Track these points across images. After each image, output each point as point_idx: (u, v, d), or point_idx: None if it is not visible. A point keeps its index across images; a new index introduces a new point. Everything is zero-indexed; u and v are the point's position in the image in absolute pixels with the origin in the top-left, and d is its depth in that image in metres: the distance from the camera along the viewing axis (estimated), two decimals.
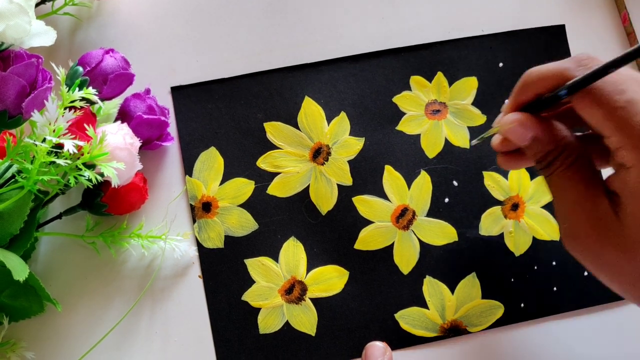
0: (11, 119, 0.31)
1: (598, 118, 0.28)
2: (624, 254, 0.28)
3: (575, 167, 0.30)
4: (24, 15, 0.30)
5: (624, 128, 0.27)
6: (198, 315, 0.38)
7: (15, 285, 0.35)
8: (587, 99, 0.28)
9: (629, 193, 0.28)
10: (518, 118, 0.30)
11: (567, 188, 0.30)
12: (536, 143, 0.30)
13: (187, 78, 0.41)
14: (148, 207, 0.39)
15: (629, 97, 0.27)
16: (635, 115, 0.27)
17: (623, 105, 0.27)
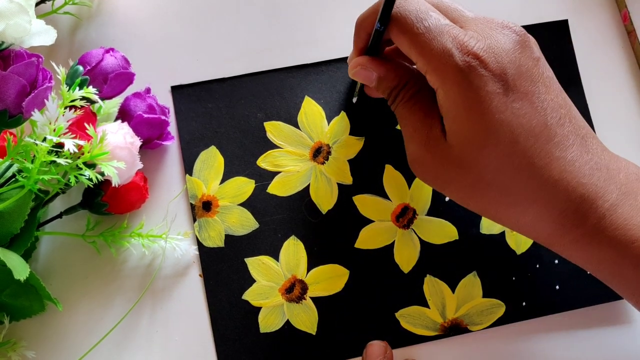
0: (11, 118, 0.31)
1: (405, 45, 0.31)
2: (457, 169, 0.31)
3: (416, 98, 0.33)
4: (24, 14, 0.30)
5: (425, 52, 0.30)
6: (198, 314, 0.38)
7: (15, 284, 0.35)
8: (396, 28, 0.31)
9: (444, 114, 0.30)
10: (360, 61, 0.34)
11: (408, 117, 0.33)
12: (382, 81, 0.33)
13: (187, 77, 0.41)
14: (148, 206, 0.39)
15: (428, 24, 0.30)
16: (432, 40, 0.29)
17: (422, 32, 0.30)
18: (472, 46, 0.29)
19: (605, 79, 0.43)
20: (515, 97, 0.29)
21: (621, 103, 0.43)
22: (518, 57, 0.30)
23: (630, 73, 0.43)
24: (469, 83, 0.29)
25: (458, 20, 0.32)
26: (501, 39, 0.30)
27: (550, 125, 0.29)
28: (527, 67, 0.30)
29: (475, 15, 0.32)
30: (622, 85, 0.43)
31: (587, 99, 0.42)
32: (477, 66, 0.29)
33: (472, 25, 0.31)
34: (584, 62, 0.43)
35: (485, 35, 0.30)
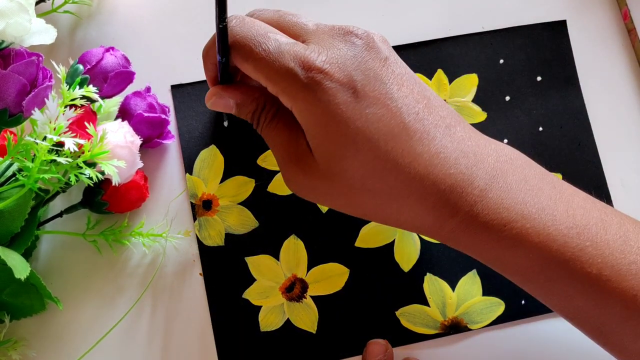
0: (12, 117, 0.31)
1: (251, 72, 0.31)
2: (327, 182, 0.31)
3: (277, 118, 0.33)
4: (24, 13, 0.30)
5: (270, 77, 0.30)
6: (199, 313, 0.38)
7: (16, 283, 0.35)
8: (238, 57, 0.31)
9: (305, 131, 0.30)
10: (214, 92, 0.34)
11: (274, 138, 0.33)
12: (240, 107, 0.33)
13: (187, 76, 0.41)
14: (149, 205, 0.39)
15: (267, 47, 0.30)
16: (274, 62, 0.29)
17: (263, 56, 0.30)
18: (314, 60, 0.29)
19: (605, 78, 0.43)
20: (367, 102, 0.29)
21: (621, 102, 0.43)
22: (364, 61, 0.30)
23: (630, 71, 0.43)
24: (318, 99, 0.29)
25: (300, 35, 0.31)
26: (343, 46, 0.30)
27: (409, 123, 0.29)
28: (374, 70, 0.30)
29: (316, 25, 0.32)
30: (622, 84, 0.43)
31: (585, 98, 0.42)
32: (322, 80, 0.29)
33: (314, 37, 0.31)
34: (583, 61, 0.43)
35: (327, 45, 0.30)
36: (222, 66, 0.32)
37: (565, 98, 0.42)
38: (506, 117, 0.42)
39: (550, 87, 0.42)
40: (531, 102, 0.42)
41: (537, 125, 0.42)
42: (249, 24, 0.30)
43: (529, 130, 0.42)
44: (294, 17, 0.32)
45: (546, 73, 0.42)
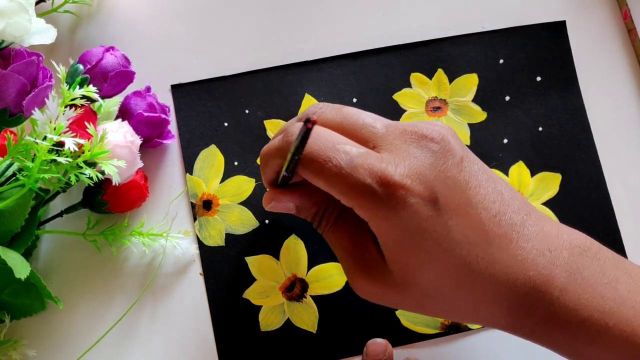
0: (12, 117, 0.31)
1: (323, 187, 0.29)
2: (397, 292, 0.30)
3: (341, 221, 0.32)
4: (24, 13, 0.30)
5: (344, 192, 0.28)
6: (199, 313, 0.38)
7: (16, 283, 0.35)
8: (307, 173, 0.29)
9: (380, 243, 0.29)
10: (272, 196, 0.32)
11: (338, 241, 0.32)
12: (300, 210, 0.32)
13: (187, 76, 0.41)
14: (149, 205, 0.39)
15: (337, 162, 0.28)
16: (347, 178, 0.28)
17: (335, 172, 0.28)
18: (392, 175, 0.27)
19: (604, 78, 0.43)
20: (449, 214, 0.28)
21: (621, 102, 0.43)
22: (443, 170, 0.28)
23: (630, 71, 0.43)
24: (399, 217, 0.28)
25: (370, 139, 0.30)
26: (420, 154, 0.28)
27: (488, 229, 0.28)
28: (453, 177, 0.29)
29: (385, 126, 0.30)
30: (622, 84, 0.43)
31: (585, 98, 0.42)
32: (403, 196, 0.27)
33: (385, 143, 0.29)
34: (583, 61, 0.43)
35: (403, 154, 0.28)
36: (284, 180, 0.31)
37: (565, 98, 0.42)
38: (506, 116, 0.42)
39: (550, 87, 0.42)
40: (531, 102, 0.42)
41: (537, 125, 0.42)
42: (314, 137, 0.29)
43: (528, 130, 0.42)
44: (359, 118, 0.30)
45: (546, 73, 0.42)
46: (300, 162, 0.29)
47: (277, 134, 0.34)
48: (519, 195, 0.31)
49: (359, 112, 0.31)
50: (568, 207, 0.41)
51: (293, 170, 0.29)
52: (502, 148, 0.41)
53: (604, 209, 0.41)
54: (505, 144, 0.41)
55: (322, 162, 0.28)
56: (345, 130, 0.30)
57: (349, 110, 0.31)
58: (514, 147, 0.41)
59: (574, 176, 0.41)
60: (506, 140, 0.41)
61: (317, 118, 0.31)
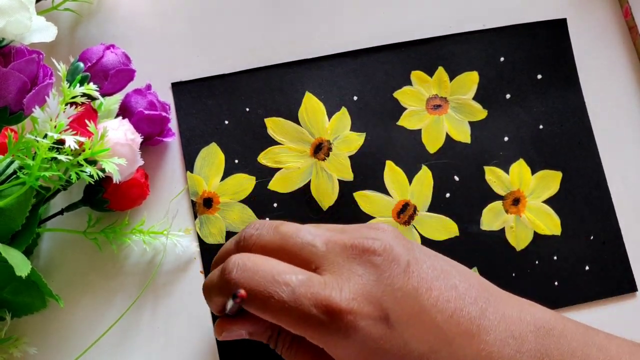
0: (12, 115, 0.31)
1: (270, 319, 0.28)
2: None
3: (297, 341, 0.30)
4: (24, 11, 0.30)
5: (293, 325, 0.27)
6: (200, 310, 0.38)
7: (17, 281, 0.35)
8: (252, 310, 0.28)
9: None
10: (223, 327, 0.31)
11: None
12: (255, 336, 0.32)
13: (187, 74, 0.41)
14: (149, 203, 0.39)
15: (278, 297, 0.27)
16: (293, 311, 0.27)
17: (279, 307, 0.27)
18: (338, 301, 0.26)
19: (605, 76, 0.43)
20: (402, 327, 0.27)
21: (621, 100, 0.43)
22: (389, 283, 0.28)
23: (631, 70, 0.43)
24: (353, 341, 0.27)
25: (310, 260, 0.29)
26: (364, 272, 0.28)
27: (446, 332, 0.28)
28: (402, 289, 0.28)
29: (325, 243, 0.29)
30: (623, 82, 0.43)
31: (585, 96, 0.42)
32: (352, 321, 0.26)
33: (327, 263, 0.28)
34: (583, 59, 0.43)
35: (346, 274, 0.28)
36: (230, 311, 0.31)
37: (566, 96, 0.42)
38: (507, 114, 0.42)
39: (551, 85, 0.42)
40: (531, 100, 0.42)
41: (538, 123, 0.42)
42: (251, 271, 0.28)
43: (529, 128, 0.42)
44: (298, 237, 0.29)
45: (546, 71, 0.42)
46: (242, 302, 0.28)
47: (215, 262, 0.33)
48: (475, 281, 0.30)
49: (297, 230, 0.30)
50: (568, 205, 0.41)
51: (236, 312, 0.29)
52: (502, 146, 0.41)
53: (604, 207, 0.41)
54: (506, 142, 0.41)
55: (263, 298, 0.27)
56: (285, 251, 0.29)
57: (288, 228, 0.30)
58: (515, 145, 0.41)
59: (575, 174, 0.41)
60: (507, 138, 0.41)
61: (255, 242, 0.30)
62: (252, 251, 0.30)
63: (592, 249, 0.40)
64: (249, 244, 0.31)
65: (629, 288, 0.40)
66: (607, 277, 0.40)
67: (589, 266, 0.40)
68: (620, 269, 0.40)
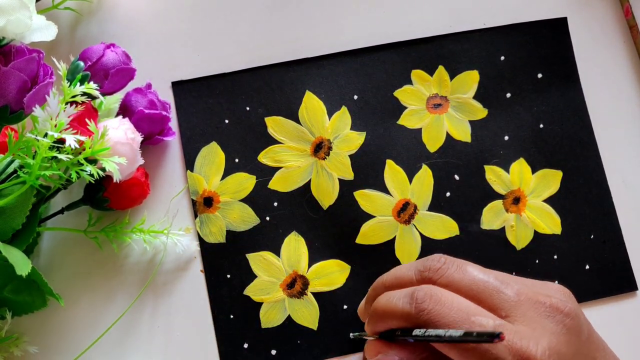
0: (13, 114, 0.31)
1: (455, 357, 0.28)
2: None
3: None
4: (24, 10, 0.30)
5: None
6: (200, 309, 0.38)
7: (18, 280, 0.35)
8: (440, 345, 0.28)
9: None
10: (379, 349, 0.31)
11: None
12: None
13: (188, 73, 0.41)
14: (150, 202, 0.39)
15: None
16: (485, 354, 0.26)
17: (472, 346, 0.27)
18: (535, 354, 0.26)
19: (606, 75, 0.43)
20: None
21: (622, 99, 0.43)
22: (577, 347, 0.28)
23: (631, 69, 0.43)
24: None
25: (501, 307, 0.28)
26: (557, 330, 0.28)
27: None
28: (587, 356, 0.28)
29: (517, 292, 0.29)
30: (623, 81, 0.43)
31: (586, 96, 0.42)
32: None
33: (518, 314, 0.28)
34: (584, 58, 0.43)
35: (540, 330, 0.27)
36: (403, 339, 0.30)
37: (566, 95, 0.42)
38: (507, 113, 0.42)
39: (551, 84, 0.42)
40: (532, 99, 0.42)
41: (538, 122, 0.42)
42: (446, 306, 0.28)
43: (529, 127, 0.42)
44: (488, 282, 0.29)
45: (547, 70, 0.42)
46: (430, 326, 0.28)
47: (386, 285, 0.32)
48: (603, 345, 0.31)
49: (485, 275, 0.30)
50: (569, 204, 0.41)
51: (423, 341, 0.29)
52: (503, 145, 0.41)
53: (605, 205, 0.41)
54: (506, 141, 0.41)
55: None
56: (474, 293, 0.29)
57: (474, 271, 0.30)
58: (515, 144, 0.41)
59: (575, 173, 0.41)
60: (507, 137, 0.41)
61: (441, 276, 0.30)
62: (437, 284, 0.30)
63: (592, 248, 0.40)
64: (434, 277, 0.30)
65: (629, 287, 0.40)
66: (607, 276, 0.40)
67: (589, 265, 0.40)
68: (620, 268, 0.40)
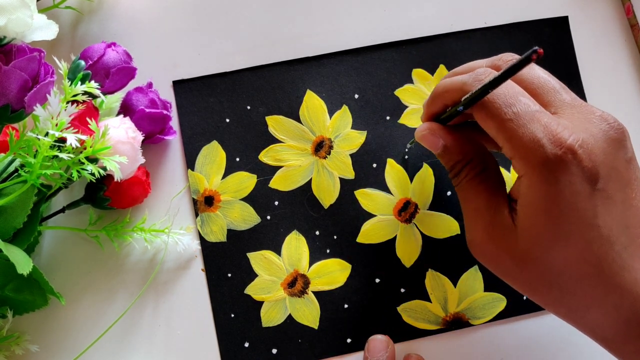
0: (14, 113, 0.31)
1: (492, 129, 0.29)
2: (516, 263, 0.29)
3: (481, 177, 0.31)
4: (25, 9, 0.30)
5: (512, 139, 0.28)
6: (201, 308, 0.38)
7: (19, 278, 0.35)
8: (483, 112, 0.29)
9: (521, 204, 0.29)
10: (429, 127, 0.33)
11: (471, 197, 0.31)
12: (446, 152, 0.32)
13: (189, 72, 0.41)
14: (151, 201, 0.39)
15: (517, 110, 0.28)
16: (521, 128, 0.28)
17: (511, 118, 0.28)
18: (566, 138, 0.27)
19: (607, 74, 0.43)
20: (600, 200, 0.27)
21: (623, 99, 0.43)
22: (612, 157, 0.28)
23: (632, 68, 0.43)
24: (557, 179, 0.27)
25: (553, 103, 0.30)
26: (597, 133, 0.28)
27: (629, 233, 0.27)
28: (618, 169, 0.28)
29: (573, 99, 0.30)
30: (625, 80, 0.43)
31: (587, 95, 0.42)
32: (569, 162, 0.27)
33: (567, 112, 0.29)
34: (585, 57, 0.43)
35: (581, 127, 0.28)
36: (452, 114, 0.31)
37: None
38: None
39: None
40: None
41: None
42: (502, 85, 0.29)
43: None
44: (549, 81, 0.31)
45: (548, 69, 0.42)
46: (481, 101, 0.29)
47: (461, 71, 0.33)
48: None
49: (550, 76, 0.31)
50: None
51: (469, 106, 0.30)
52: None
53: None
54: None
55: (501, 104, 0.28)
56: (534, 88, 0.30)
57: (540, 70, 0.31)
58: None
59: None
60: None
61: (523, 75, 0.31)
62: None
63: None
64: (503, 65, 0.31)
65: None
66: None
67: None
68: None
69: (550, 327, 0.39)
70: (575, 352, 0.39)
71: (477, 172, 0.31)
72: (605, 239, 0.27)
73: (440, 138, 0.32)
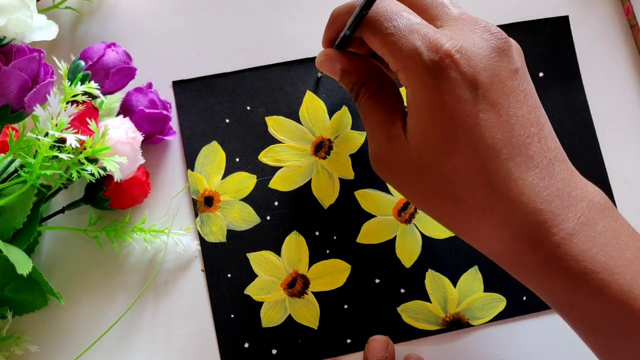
0: (13, 113, 0.31)
1: (377, 47, 0.30)
2: (414, 171, 0.30)
3: (378, 95, 0.32)
4: (25, 9, 0.30)
5: (394, 52, 0.29)
6: (201, 309, 0.38)
7: (18, 279, 0.35)
8: (367, 30, 0.30)
9: (409, 113, 0.30)
10: (326, 53, 0.34)
11: (369, 114, 0.32)
12: (345, 75, 0.33)
13: (188, 72, 0.41)
14: (150, 201, 0.39)
15: (397, 24, 0.29)
16: (401, 40, 0.29)
17: (391, 32, 0.29)
18: (443, 44, 0.28)
19: (607, 74, 0.43)
20: (483, 107, 0.28)
21: (623, 98, 0.43)
22: (494, 64, 0.28)
23: (632, 68, 0.43)
24: (437, 85, 0.28)
25: (439, 17, 0.30)
26: (478, 42, 0.28)
27: (515, 143, 0.28)
28: (501, 77, 0.28)
29: (461, 13, 0.30)
30: (625, 80, 0.43)
31: (587, 94, 0.42)
32: (447, 67, 0.27)
33: (451, 24, 0.30)
34: (585, 57, 0.43)
35: (462, 36, 0.28)
36: (343, 38, 0.32)
37: (567, 94, 0.42)
38: None
39: (552, 83, 0.42)
40: None
41: None
42: (387, 2, 0.30)
43: None
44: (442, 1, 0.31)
45: (548, 69, 0.42)
46: (364, 20, 0.30)
47: None
48: (558, 143, 0.30)
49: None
50: None
51: (355, 28, 0.30)
52: None
53: None
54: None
55: (383, 21, 0.29)
56: (420, 4, 0.31)
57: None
58: None
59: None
60: None
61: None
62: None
63: None
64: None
65: None
66: None
67: None
68: None
69: (550, 327, 0.39)
70: (575, 352, 0.39)
71: (373, 90, 0.32)
72: (490, 147, 0.28)
73: (337, 62, 0.33)
